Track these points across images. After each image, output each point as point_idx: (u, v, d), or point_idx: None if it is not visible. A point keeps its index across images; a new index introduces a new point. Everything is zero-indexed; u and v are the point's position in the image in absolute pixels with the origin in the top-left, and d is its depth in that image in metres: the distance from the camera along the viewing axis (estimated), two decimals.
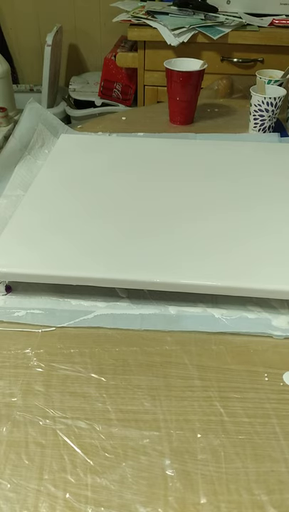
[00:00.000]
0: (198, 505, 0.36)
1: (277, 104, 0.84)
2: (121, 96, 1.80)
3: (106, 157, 0.74)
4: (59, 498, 0.36)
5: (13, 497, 0.36)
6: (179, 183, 0.67)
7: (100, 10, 1.93)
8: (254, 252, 0.54)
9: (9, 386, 0.44)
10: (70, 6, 1.95)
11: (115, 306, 0.52)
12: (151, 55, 1.48)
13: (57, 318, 0.51)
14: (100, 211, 0.61)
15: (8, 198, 0.68)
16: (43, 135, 0.81)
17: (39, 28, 2.00)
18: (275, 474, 0.37)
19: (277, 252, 0.54)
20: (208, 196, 0.64)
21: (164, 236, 0.56)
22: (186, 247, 0.54)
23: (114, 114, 1.02)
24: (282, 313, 0.51)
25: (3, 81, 1.58)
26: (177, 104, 0.91)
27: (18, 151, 0.77)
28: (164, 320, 0.51)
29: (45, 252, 0.54)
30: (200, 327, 0.50)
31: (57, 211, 0.61)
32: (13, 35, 2.04)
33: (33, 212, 0.61)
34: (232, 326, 0.50)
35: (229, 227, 0.58)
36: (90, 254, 0.53)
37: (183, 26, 1.39)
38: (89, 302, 0.53)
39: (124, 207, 0.62)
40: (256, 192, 0.65)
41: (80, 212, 0.61)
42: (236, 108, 1.00)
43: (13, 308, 0.52)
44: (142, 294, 0.53)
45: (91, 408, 0.42)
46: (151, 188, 0.66)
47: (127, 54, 1.56)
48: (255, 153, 0.76)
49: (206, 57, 1.39)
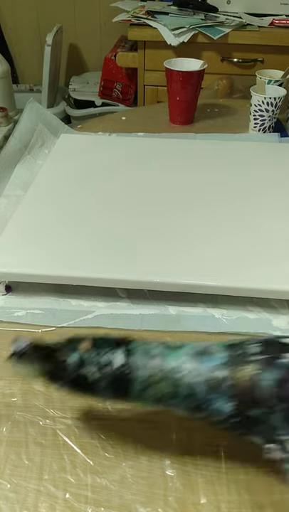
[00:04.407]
0: (198, 505, 0.36)
1: (278, 104, 0.84)
2: (121, 96, 1.80)
3: (106, 157, 0.74)
4: (59, 498, 0.36)
5: (13, 497, 0.36)
6: (179, 183, 0.67)
7: (100, 10, 1.93)
8: (254, 253, 0.54)
9: (9, 386, 0.44)
10: (70, 6, 1.95)
11: (115, 306, 0.52)
12: (152, 55, 1.48)
13: (57, 318, 0.51)
14: (100, 211, 0.61)
15: (8, 198, 0.68)
16: (43, 135, 0.81)
17: (39, 28, 2.00)
18: (275, 474, 0.37)
19: (278, 252, 0.54)
20: (208, 196, 0.64)
21: (164, 236, 0.56)
22: (187, 247, 0.54)
23: (114, 114, 1.02)
24: (282, 313, 0.51)
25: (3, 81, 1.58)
26: (177, 104, 0.91)
27: (18, 151, 0.77)
28: (164, 320, 0.51)
29: (45, 252, 0.54)
30: (200, 327, 0.50)
31: (57, 211, 0.61)
32: (13, 35, 2.04)
33: (33, 212, 0.61)
34: (232, 326, 0.50)
35: (229, 227, 0.58)
36: (90, 254, 0.53)
37: (183, 26, 1.39)
38: (89, 302, 0.53)
39: (124, 207, 0.62)
40: (256, 192, 0.65)
41: (80, 212, 0.61)
42: (236, 108, 1.00)
43: (13, 308, 0.52)
44: (142, 294, 0.53)
45: (91, 408, 0.42)
46: (151, 188, 0.66)
47: (127, 54, 1.56)
48: (255, 153, 0.76)
49: (206, 57, 1.39)
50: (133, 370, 0.32)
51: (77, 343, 0.33)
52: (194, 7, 1.47)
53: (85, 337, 0.34)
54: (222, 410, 0.31)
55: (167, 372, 0.32)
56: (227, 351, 0.33)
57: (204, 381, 0.31)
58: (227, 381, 0.31)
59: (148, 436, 0.40)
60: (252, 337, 0.35)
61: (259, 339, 0.34)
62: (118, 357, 0.32)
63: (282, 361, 0.32)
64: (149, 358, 0.32)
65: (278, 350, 0.33)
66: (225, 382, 0.31)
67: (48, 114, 0.85)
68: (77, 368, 0.32)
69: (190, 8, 1.47)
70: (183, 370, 0.32)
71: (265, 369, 0.31)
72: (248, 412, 0.31)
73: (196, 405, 0.32)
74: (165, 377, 0.32)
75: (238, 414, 0.31)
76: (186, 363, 0.32)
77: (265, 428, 0.31)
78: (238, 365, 0.32)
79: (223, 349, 0.33)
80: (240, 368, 0.32)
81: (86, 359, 0.32)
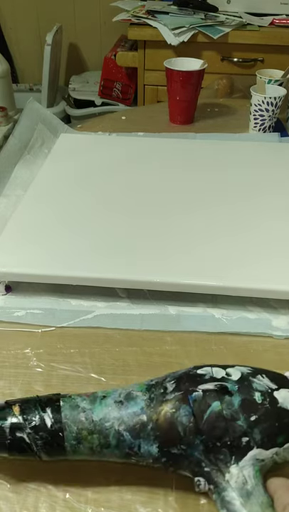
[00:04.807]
0: (199, 506, 0.36)
1: (278, 103, 0.84)
2: (121, 95, 1.80)
3: (106, 157, 0.74)
4: (59, 498, 0.36)
5: (13, 497, 0.36)
6: (179, 182, 0.67)
7: (99, 9, 1.93)
8: (254, 253, 0.54)
9: (9, 386, 0.44)
10: (70, 6, 1.95)
11: (115, 306, 0.52)
12: (152, 54, 1.48)
13: (57, 318, 0.51)
14: (99, 211, 0.61)
15: (8, 198, 0.68)
16: (43, 134, 0.81)
17: (39, 28, 2.00)
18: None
19: (278, 252, 0.54)
20: (208, 196, 0.64)
21: (164, 236, 0.56)
22: (187, 247, 0.54)
23: (114, 114, 1.01)
24: (282, 313, 0.51)
25: (3, 80, 1.58)
26: (177, 103, 0.91)
27: (18, 151, 0.77)
28: (164, 320, 0.51)
29: (45, 252, 0.54)
30: (200, 327, 0.50)
31: (57, 211, 0.61)
32: (13, 35, 2.03)
33: (33, 212, 0.61)
34: (232, 326, 0.50)
35: (229, 227, 0.58)
36: (90, 254, 0.53)
37: (183, 26, 1.39)
38: (89, 302, 0.53)
39: (124, 207, 0.62)
40: (256, 192, 0.65)
41: (80, 212, 0.61)
42: (236, 108, 1.00)
43: (13, 308, 0.52)
44: (142, 294, 0.53)
45: None
46: (151, 188, 0.66)
47: (127, 53, 1.56)
48: (255, 153, 0.76)
49: (206, 57, 1.39)
50: (64, 427, 0.33)
51: (8, 407, 0.35)
52: (194, 6, 1.47)
53: (15, 401, 0.35)
54: (150, 452, 0.33)
55: (96, 424, 0.33)
56: (147, 393, 0.35)
57: (129, 428, 0.33)
58: (149, 424, 0.33)
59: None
60: (172, 373, 0.37)
61: (175, 375, 0.36)
62: (48, 417, 0.34)
63: (194, 395, 0.34)
64: (78, 412, 0.34)
65: (192, 383, 0.34)
66: (147, 425, 0.33)
67: (48, 113, 0.85)
68: (12, 431, 0.33)
69: (190, 7, 1.47)
70: (110, 420, 0.33)
71: (179, 406, 0.33)
72: (171, 450, 0.33)
73: (127, 452, 0.34)
74: (95, 429, 0.33)
75: (164, 454, 0.33)
76: (111, 412, 0.34)
77: (189, 463, 0.33)
78: (157, 407, 0.34)
79: (145, 391, 0.35)
80: (158, 409, 0.33)
81: (18, 423, 0.34)
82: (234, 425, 0.33)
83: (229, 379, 0.35)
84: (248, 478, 0.32)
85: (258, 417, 0.33)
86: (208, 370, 0.36)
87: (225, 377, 0.35)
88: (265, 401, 0.33)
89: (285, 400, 0.33)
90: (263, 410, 0.33)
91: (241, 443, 0.33)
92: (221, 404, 0.33)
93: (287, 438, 0.33)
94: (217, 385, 0.34)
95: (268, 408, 0.33)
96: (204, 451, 0.33)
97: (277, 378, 0.36)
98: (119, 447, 0.34)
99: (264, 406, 0.33)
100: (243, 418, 0.33)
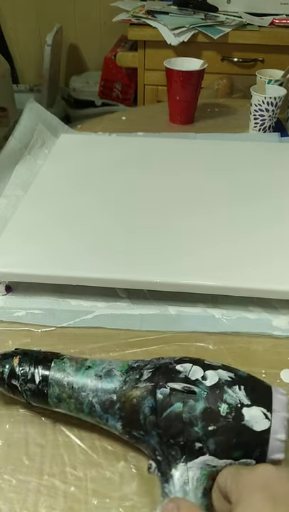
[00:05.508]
0: None
1: (278, 103, 0.84)
2: (121, 95, 1.80)
3: (106, 157, 0.74)
4: (59, 498, 0.36)
5: (13, 497, 0.36)
6: (179, 183, 0.67)
7: (99, 10, 1.93)
8: (254, 252, 0.53)
9: None
10: (70, 6, 1.95)
11: (115, 306, 0.52)
12: (152, 54, 1.48)
13: (57, 318, 0.51)
14: (100, 211, 0.61)
15: (8, 198, 0.68)
16: (43, 135, 0.81)
17: (39, 28, 2.00)
18: None
19: (278, 252, 0.54)
20: (208, 196, 0.64)
21: (164, 236, 0.56)
22: (187, 247, 0.54)
23: (114, 114, 1.01)
24: (282, 313, 0.51)
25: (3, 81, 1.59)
26: (177, 103, 0.91)
27: (18, 151, 0.77)
28: (164, 320, 0.51)
29: (45, 252, 0.54)
30: (200, 327, 0.50)
31: (57, 211, 0.61)
32: (13, 36, 2.04)
33: (33, 212, 0.61)
34: (232, 326, 0.50)
35: (229, 227, 0.58)
36: (90, 254, 0.53)
37: (183, 26, 1.39)
38: (89, 302, 0.53)
39: (124, 207, 0.62)
40: (256, 192, 0.65)
41: (80, 213, 0.61)
42: (236, 108, 1.00)
43: (13, 308, 0.52)
44: (142, 294, 0.53)
45: None
46: (151, 188, 0.66)
47: (127, 53, 1.56)
48: (255, 153, 0.76)
49: (206, 57, 1.39)
50: (49, 386, 0.38)
51: (11, 357, 0.40)
52: (194, 6, 1.47)
53: (20, 352, 0.40)
54: (116, 427, 0.36)
55: (74, 391, 0.37)
56: (124, 375, 0.37)
57: (101, 402, 0.36)
58: (117, 404, 0.36)
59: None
60: (156, 358, 0.38)
61: (156, 363, 0.37)
62: (37, 374, 0.38)
63: (162, 390, 0.34)
64: (63, 376, 0.38)
65: (165, 378, 0.35)
66: (115, 404, 0.36)
67: (48, 114, 0.85)
68: (9, 378, 0.39)
69: (190, 7, 1.47)
70: (86, 391, 0.37)
71: (146, 397, 0.35)
72: (132, 432, 0.36)
73: (97, 421, 0.37)
74: (72, 395, 0.37)
75: (126, 432, 0.36)
76: (89, 384, 0.37)
77: (147, 446, 0.35)
78: (128, 391, 0.36)
79: (123, 372, 0.37)
80: (128, 394, 0.36)
81: (14, 373, 0.39)
82: (190, 430, 0.33)
83: (202, 383, 0.34)
84: (191, 480, 0.32)
85: (216, 428, 0.32)
86: (187, 368, 0.35)
87: (199, 380, 0.34)
88: (230, 415, 0.32)
89: (252, 419, 0.32)
90: (224, 423, 0.32)
91: (194, 447, 0.33)
92: (182, 407, 0.33)
93: (243, 454, 0.32)
94: (185, 387, 0.34)
95: (230, 422, 0.32)
96: (159, 442, 0.34)
97: (258, 394, 0.34)
98: (91, 415, 0.37)
99: (226, 419, 0.32)
100: (200, 425, 0.33)
